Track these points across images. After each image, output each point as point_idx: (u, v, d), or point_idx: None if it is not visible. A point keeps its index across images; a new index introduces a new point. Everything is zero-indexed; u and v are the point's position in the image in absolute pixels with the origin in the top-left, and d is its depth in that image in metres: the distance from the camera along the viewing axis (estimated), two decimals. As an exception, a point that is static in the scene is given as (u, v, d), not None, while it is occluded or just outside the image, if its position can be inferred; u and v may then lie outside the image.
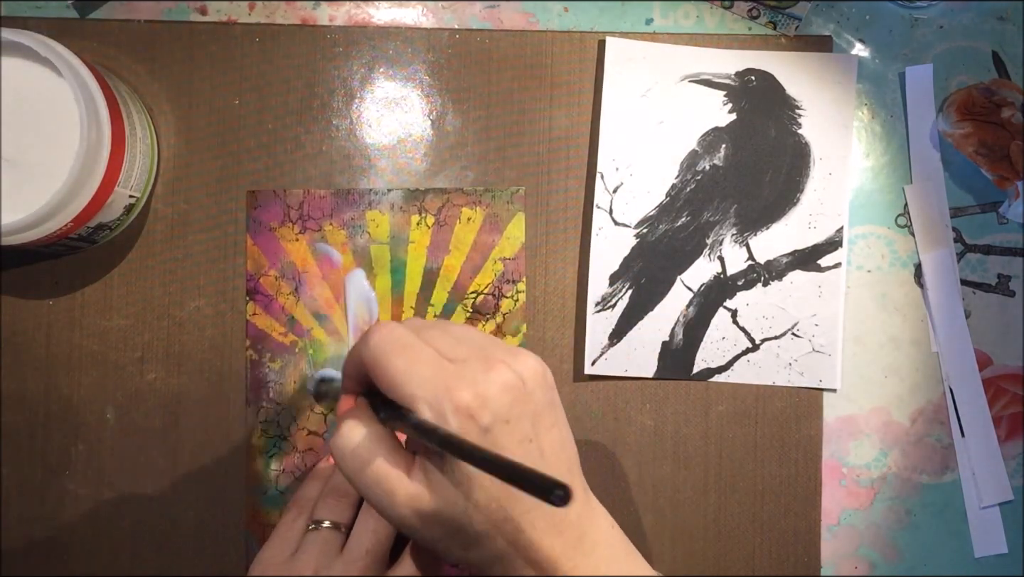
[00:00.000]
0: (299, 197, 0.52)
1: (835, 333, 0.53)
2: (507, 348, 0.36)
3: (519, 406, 0.34)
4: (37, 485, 0.51)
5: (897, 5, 0.55)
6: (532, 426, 0.34)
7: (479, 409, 0.33)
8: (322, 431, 0.51)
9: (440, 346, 0.35)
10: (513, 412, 0.34)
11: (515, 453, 0.34)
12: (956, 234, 0.54)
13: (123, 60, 0.52)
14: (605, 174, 0.52)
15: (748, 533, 0.53)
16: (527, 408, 0.34)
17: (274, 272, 0.51)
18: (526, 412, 0.34)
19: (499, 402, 0.33)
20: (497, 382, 0.34)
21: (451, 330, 0.36)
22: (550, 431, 0.35)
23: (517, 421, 0.34)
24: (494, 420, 0.33)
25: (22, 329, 0.51)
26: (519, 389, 0.34)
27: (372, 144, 0.52)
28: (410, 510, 0.34)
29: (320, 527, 0.44)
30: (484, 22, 0.53)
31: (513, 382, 0.34)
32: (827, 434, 0.53)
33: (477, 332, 0.37)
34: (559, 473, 0.35)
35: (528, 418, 0.34)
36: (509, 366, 0.34)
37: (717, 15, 0.54)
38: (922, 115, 0.54)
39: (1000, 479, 0.53)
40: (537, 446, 0.34)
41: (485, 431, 0.33)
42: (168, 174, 0.52)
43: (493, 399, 0.33)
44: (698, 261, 0.53)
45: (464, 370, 0.34)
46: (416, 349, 0.34)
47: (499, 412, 0.33)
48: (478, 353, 0.35)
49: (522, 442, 0.34)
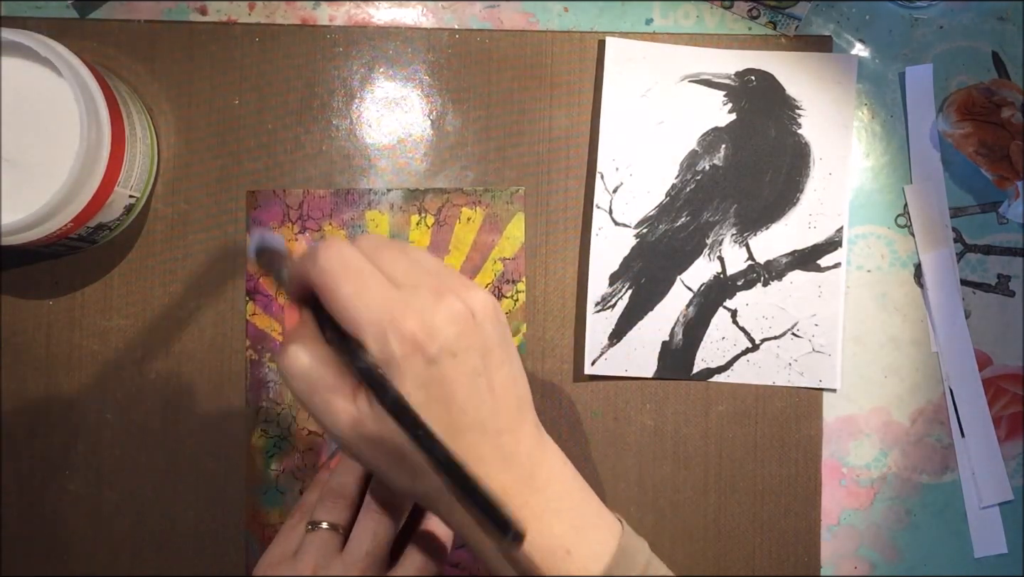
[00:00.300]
0: (299, 197, 0.52)
1: (835, 333, 0.53)
2: (461, 279, 0.35)
3: (467, 339, 0.33)
4: (37, 485, 0.51)
5: (897, 5, 0.55)
6: (481, 360, 0.33)
7: (426, 339, 0.32)
8: (322, 431, 0.51)
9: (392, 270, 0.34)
10: (461, 344, 0.33)
11: (463, 386, 0.33)
12: (956, 234, 0.54)
13: (123, 60, 0.52)
14: (605, 174, 0.52)
15: (748, 533, 0.53)
16: (476, 341, 0.33)
17: (274, 272, 0.51)
18: (475, 345, 0.33)
19: (446, 333, 0.32)
20: (446, 313, 0.33)
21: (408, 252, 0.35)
22: (500, 367, 0.34)
23: (465, 354, 0.33)
24: (440, 351, 0.32)
25: (22, 329, 0.51)
26: (468, 321, 0.33)
27: (372, 144, 0.52)
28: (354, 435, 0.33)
29: (318, 528, 0.44)
30: (484, 22, 0.53)
31: (463, 314, 0.33)
32: (827, 434, 0.53)
33: (433, 259, 0.36)
34: (508, 410, 0.34)
35: (477, 352, 0.33)
36: (460, 297, 0.33)
37: (717, 15, 0.54)
38: (922, 115, 0.54)
39: (1000, 479, 0.53)
40: (487, 381, 0.34)
41: (431, 362, 0.32)
42: (168, 174, 0.52)
43: (440, 330, 0.32)
44: (698, 261, 0.53)
45: (412, 298, 0.32)
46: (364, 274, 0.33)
47: (446, 344, 0.32)
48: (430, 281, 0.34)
49: (471, 376, 0.33)
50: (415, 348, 0.32)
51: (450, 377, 0.32)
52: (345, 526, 0.45)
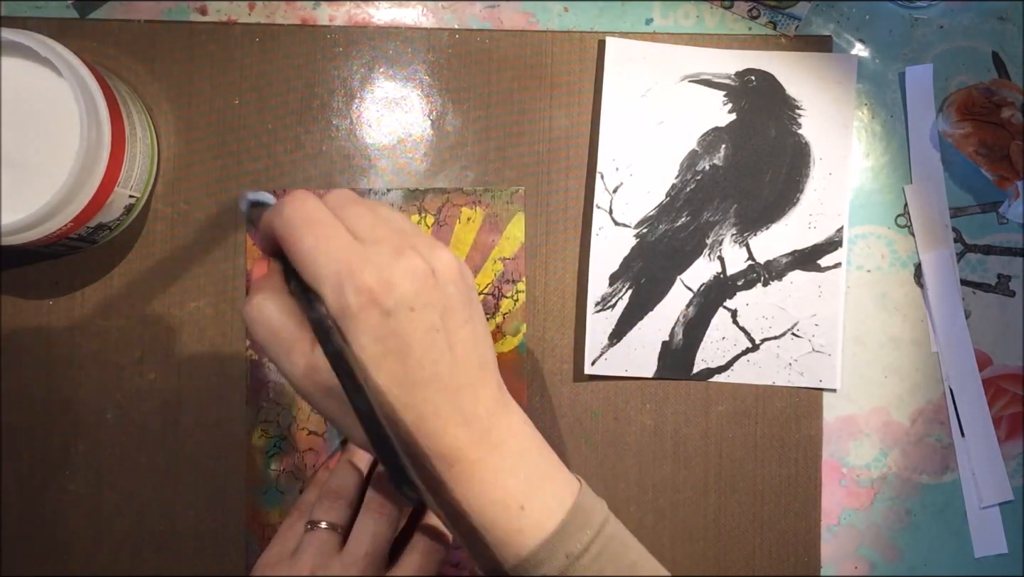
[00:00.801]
0: (299, 197, 0.52)
1: (835, 333, 0.53)
2: (427, 239, 0.35)
3: (426, 295, 0.33)
4: (37, 485, 0.51)
5: (897, 5, 0.55)
6: (440, 318, 0.34)
7: (382, 292, 0.32)
8: (322, 431, 0.51)
9: (356, 225, 0.34)
10: (419, 300, 0.33)
11: (420, 341, 0.33)
12: (956, 234, 0.54)
13: (123, 60, 0.52)
14: (605, 174, 0.52)
15: (748, 533, 0.53)
16: (435, 298, 0.34)
17: (274, 272, 0.51)
18: (434, 302, 0.33)
19: (404, 288, 0.33)
20: (404, 268, 0.33)
21: (375, 210, 0.35)
22: (462, 326, 0.35)
23: (423, 310, 0.33)
24: (396, 305, 0.32)
25: (22, 329, 0.51)
26: (428, 278, 0.33)
27: (372, 144, 0.52)
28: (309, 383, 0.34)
29: (317, 528, 0.44)
30: (484, 22, 0.53)
31: (422, 270, 0.33)
32: (827, 434, 0.53)
33: (403, 218, 0.36)
34: (468, 368, 0.35)
35: (436, 308, 0.34)
36: (422, 255, 0.34)
37: (717, 15, 0.54)
38: (922, 115, 0.54)
39: (1000, 479, 0.53)
40: (445, 337, 0.34)
41: (386, 314, 0.32)
42: (168, 174, 0.52)
43: (398, 284, 0.32)
44: (698, 261, 0.53)
45: (372, 253, 0.33)
46: (327, 227, 0.33)
47: (403, 298, 0.32)
48: (394, 237, 0.34)
49: (428, 331, 0.33)
50: (371, 300, 0.32)
51: (407, 330, 0.33)
52: (344, 526, 0.45)
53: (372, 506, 0.46)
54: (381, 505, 0.46)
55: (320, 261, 0.32)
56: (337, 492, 0.46)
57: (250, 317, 0.35)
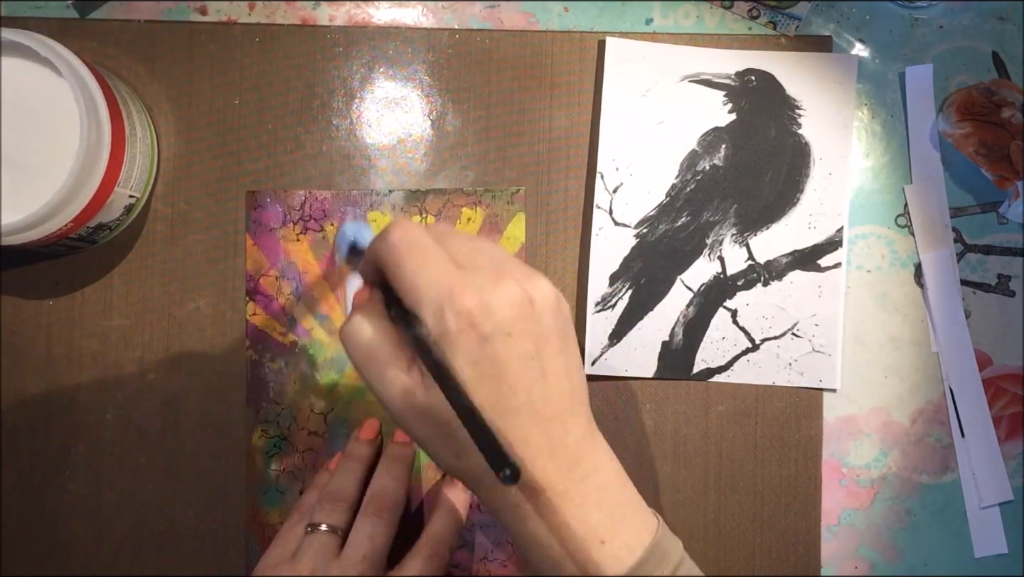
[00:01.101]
0: (300, 198, 0.52)
1: (835, 333, 0.53)
2: (526, 269, 0.35)
3: (524, 323, 0.33)
4: (37, 485, 0.51)
5: (897, 5, 0.55)
6: (535, 345, 0.34)
7: (481, 317, 0.32)
8: (322, 431, 0.51)
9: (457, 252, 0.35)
10: (517, 327, 0.33)
11: (514, 368, 0.33)
12: (956, 234, 0.54)
13: (123, 60, 0.52)
14: (605, 174, 0.52)
15: (748, 533, 0.53)
16: (532, 326, 0.34)
17: (274, 272, 0.51)
18: (531, 330, 0.34)
19: (502, 314, 0.33)
20: (503, 294, 0.33)
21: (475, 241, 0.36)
22: (556, 356, 0.35)
23: (520, 337, 0.33)
24: (495, 330, 0.33)
25: (22, 329, 0.51)
26: (526, 306, 0.34)
27: (372, 144, 0.52)
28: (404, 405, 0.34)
29: (317, 530, 0.44)
30: (484, 22, 0.53)
31: (520, 298, 0.34)
32: (827, 434, 0.53)
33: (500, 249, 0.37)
34: (560, 398, 0.35)
35: (532, 336, 0.34)
36: (520, 284, 0.34)
37: (717, 15, 0.54)
38: (922, 115, 0.54)
39: (1000, 479, 0.53)
40: (539, 365, 0.34)
41: (484, 339, 0.33)
42: (168, 174, 0.52)
43: (497, 310, 0.33)
44: (698, 261, 0.53)
45: (472, 277, 0.33)
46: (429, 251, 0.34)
47: (501, 324, 0.33)
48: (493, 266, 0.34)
49: (523, 358, 0.33)
50: (470, 324, 0.32)
51: (502, 356, 0.33)
52: (344, 528, 0.45)
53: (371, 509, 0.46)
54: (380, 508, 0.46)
55: (422, 284, 0.33)
56: (337, 495, 0.46)
57: (347, 337, 0.35)
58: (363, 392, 0.52)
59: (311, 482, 0.50)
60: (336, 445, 0.51)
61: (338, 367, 0.52)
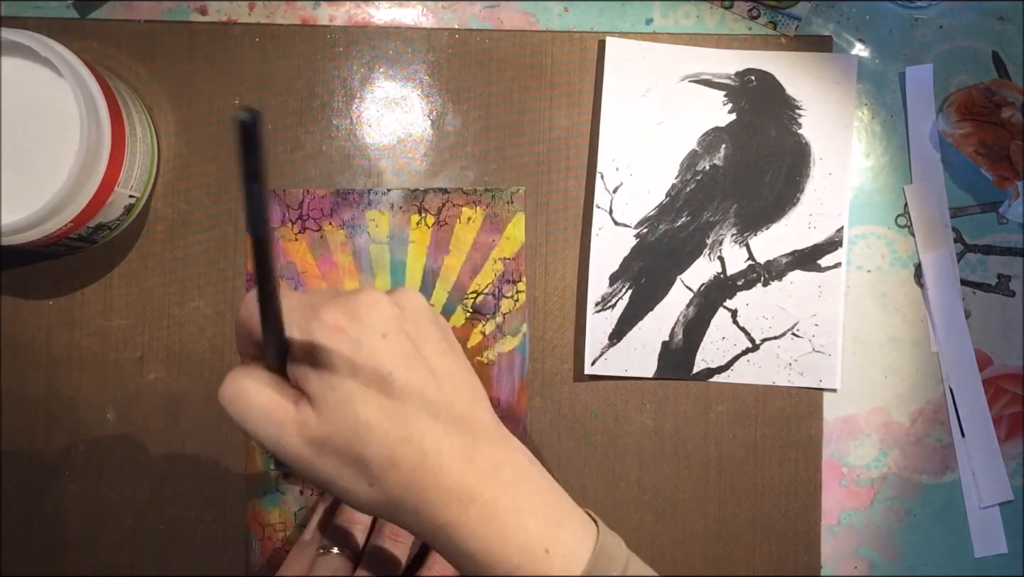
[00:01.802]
0: (298, 197, 0.52)
1: (835, 333, 0.53)
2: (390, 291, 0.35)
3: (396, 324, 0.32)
4: (37, 485, 0.51)
5: (897, 5, 0.55)
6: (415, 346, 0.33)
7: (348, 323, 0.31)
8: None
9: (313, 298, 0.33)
10: (390, 328, 0.32)
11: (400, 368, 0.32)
12: (956, 234, 0.54)
13: (123, 60, 0.52)
14: (605, 174, 0.52)
15: (748, 533, 0.53)
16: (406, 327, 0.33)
17: (274, 272, 0.51)
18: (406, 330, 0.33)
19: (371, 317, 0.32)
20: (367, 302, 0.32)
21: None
22: (443, 356, 0.33)
23: (396, 337, 0.32)
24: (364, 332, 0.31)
25: (22, 329, 0.51)
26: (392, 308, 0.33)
27: (372, 144, 0.52)
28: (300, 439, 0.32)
29: (330, 552, 0.44)
30: (484, 22, 0.53)
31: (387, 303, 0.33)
32: (827, 434, 0.53)
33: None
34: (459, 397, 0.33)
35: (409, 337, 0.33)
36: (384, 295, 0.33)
37: (717, 15, 0.54)
38: (922, 115, 0.54)
39: (1000, 479, 0.53)
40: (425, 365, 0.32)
41: (357, 343, 0.31)
42: (168, 174, 0.52)
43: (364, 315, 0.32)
44: (698, 261, 0.53)
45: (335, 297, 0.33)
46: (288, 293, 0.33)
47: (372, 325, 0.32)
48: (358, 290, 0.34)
49: (405, 357, 0.32)
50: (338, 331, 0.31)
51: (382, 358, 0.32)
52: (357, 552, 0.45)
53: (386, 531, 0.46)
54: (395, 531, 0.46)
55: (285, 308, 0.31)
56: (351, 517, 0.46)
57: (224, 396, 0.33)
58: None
59: (319, 502, 0.50)
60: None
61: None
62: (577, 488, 0.52)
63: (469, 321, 0.52)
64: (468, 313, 0.52)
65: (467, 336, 0.52)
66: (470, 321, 0.52)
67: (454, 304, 0.52)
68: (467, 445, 0.32)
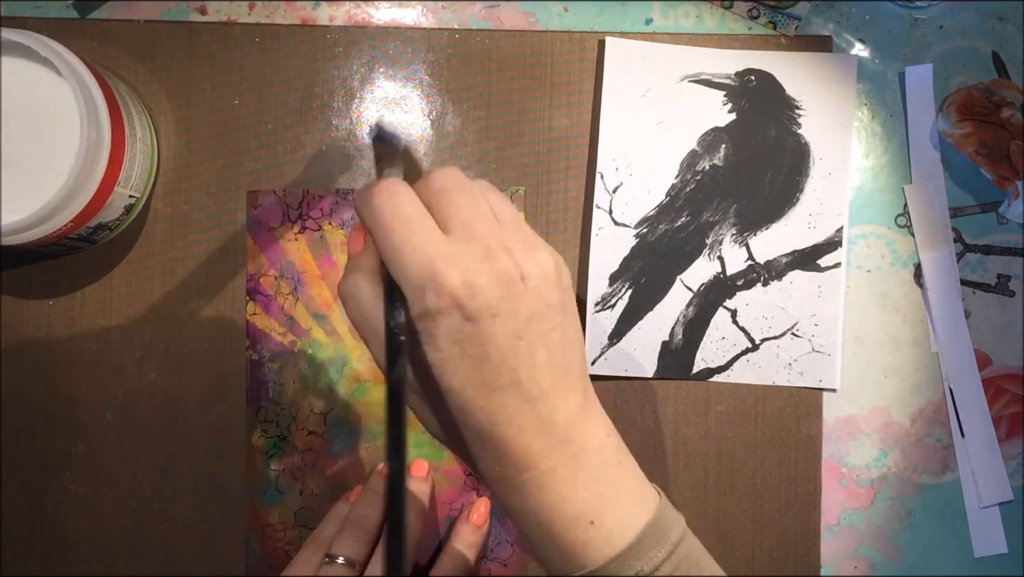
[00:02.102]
0: (298, 197, 0.52)
1: (835, 333, 0.53)
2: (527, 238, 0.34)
3: (512, 301, 0.32)
4: (37, 485, 0.51)
5: (897, 5, 0.55)
6: (527, 324, 0.33)
7: (465, 297, 0.31)
8: (322, 431, 0.51)
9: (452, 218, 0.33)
10: (504, 306, 0.32)
11: (500, 347, 0.32)
12: (956, 234, 0.54)
13: (123, 60, 0.52)
14: (605, 174, 0.52)
15: (748, 533, 0.53)
16: (521, 304, 0.32)
17: (274, 272, 0.51)
18: (519, 308, 0.32)
19: (488, 293, 0.32)
20: (491, 271, 0.32)
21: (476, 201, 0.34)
22: (550, 333, 0.33)
23: (507, 316, 0.32)
24: (479, 310, 0.32)
25: (22, 329, 0.51)
26: (515, 284, 0.32)
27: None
28: None
29: (334, 561, 0.44)
30: (484, 22, 0.53)
31: (510, 274, 0.32)
32: (827, 434, 0.53)
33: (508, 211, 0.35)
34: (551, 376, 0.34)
35: (521, 315, 0.33)
36: (513, 257, 0.32)
37: (717, 15, 0.54)
38: (922, 115, 0.54)
39: (1000, 479, 0.53)
40: (527, 345, 0.33)
41: (467, 319, 0.32)
42: (168, 174, 0.52)
43: (482, 289, 0.32)
44: (698, 261, 0.53)
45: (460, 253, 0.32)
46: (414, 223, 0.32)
47: (486, 303, 0.32)
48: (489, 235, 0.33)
49: (509, 338, 0.32)
50: (452, 304, 0.31)
51: (487, 336, 0.32)
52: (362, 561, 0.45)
53: None
54: None
55: (404, 261, 0.32)
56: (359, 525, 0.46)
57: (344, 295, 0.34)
58: (363, 392, 0.52)
59: (328, 514, 0.50)
60: (336, 445, 0.51)
61: (337, 367, 0.52)
62: (577, 488, 0.52)
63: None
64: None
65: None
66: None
67: (454, 304, 0.52)
68: (541, 420, 0.33)
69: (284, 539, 0.51)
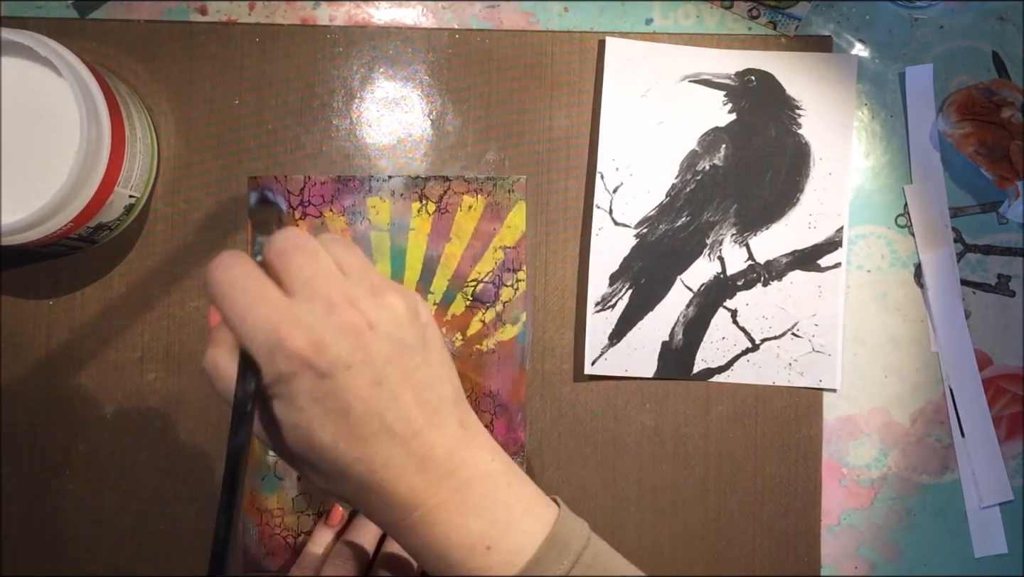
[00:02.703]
0: (300, 183, 0.52)
1: (835, 333, 0.53)
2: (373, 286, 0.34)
3: (364, 351, 0.32)
4: (37, 485, 0.51)
5: (897, 5, 0.55)
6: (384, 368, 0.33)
7: (314, 355, 0.31)
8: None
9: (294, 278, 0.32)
10: (356, 357, 0.32)
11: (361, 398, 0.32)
12: (956, 234, 0.54)
13: (123, 60, 0.52)
14: (605, 174, 0.52)
15: (748, 533, 0.53)
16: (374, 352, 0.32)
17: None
18: (374, 355, 0.32)
19: (337, 348, 0.31)
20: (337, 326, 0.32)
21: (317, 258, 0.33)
22: (413, 372, 0.33)
23: (363, 366, 0.32)
24: (331, 366, 0.31)
25: (22, 329, 0.51)
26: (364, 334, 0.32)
27: (372, 144, 0.52)
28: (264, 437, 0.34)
29: None
30: (484, 22, 0.53)
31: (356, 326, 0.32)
32: (827, 434, 0.53)
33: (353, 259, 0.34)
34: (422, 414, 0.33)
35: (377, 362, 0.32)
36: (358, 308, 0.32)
37: (717, 15, 0.54)
38: (922, 115, 0.54)
39: (1000, 479, 0.53)
40: (389, 388, 0.33)
41: (322, 376, 0.31)
42: (168, 174, 0.52)
43: (330, 345, 0.31)
44: (698, 261, 0.53)
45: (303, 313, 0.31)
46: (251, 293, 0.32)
47: (338, 357, 0.31)
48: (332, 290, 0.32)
49: (369, 386, 0.32)
50: (303, 364, 0.31)
51: (345, 389, 0.32)
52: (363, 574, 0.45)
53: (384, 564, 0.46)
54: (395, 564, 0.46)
55: (249, 331, 0.31)
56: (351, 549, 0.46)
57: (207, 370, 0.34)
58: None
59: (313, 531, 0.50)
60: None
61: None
62: (577, 488, 0.52)
63: (469, 309, 0.52)
64: (468, 301, 0.52)
65: (467, 324, 0.52)
66: (470, 309, 0.52)
67: (454, 292, 0.52)
68: (419, 458, 0.33)
69: (282, 525, 0.51)
